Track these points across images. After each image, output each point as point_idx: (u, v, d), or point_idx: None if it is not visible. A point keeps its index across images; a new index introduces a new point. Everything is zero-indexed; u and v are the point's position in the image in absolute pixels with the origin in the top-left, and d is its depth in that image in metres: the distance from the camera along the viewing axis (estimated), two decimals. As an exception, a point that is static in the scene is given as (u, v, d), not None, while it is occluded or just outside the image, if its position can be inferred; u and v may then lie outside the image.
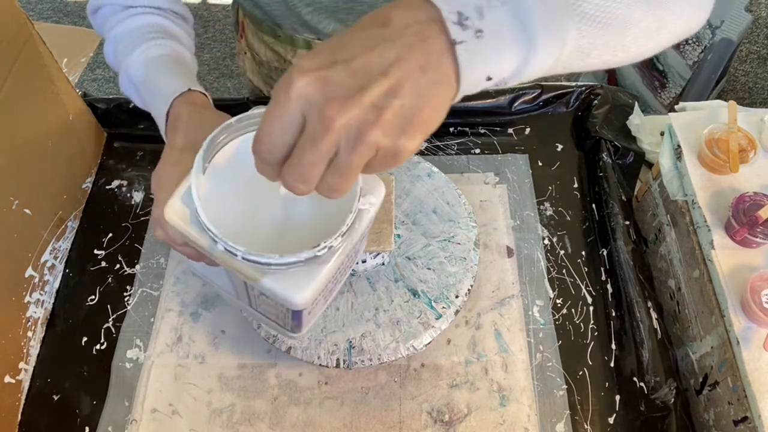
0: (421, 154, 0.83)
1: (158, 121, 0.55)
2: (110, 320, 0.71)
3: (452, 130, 0.86)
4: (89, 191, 0.83)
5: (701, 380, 0.64)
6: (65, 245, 0.77)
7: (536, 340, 0.68)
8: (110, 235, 0.78)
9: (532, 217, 0.78)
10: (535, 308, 0.71)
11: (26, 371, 0.68)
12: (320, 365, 0.61)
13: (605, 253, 0.74)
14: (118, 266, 0.75)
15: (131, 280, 0.74)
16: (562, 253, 0.75)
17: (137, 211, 0.80)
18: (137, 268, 0.75)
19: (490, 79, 0.33)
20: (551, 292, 0.72)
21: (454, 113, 0.86)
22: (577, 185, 0.81)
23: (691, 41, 1.55)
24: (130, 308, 0.72)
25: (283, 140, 0.32)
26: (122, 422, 0.64)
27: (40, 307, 0.71)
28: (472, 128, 0.86)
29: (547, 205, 0.79)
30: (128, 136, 0.87)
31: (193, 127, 0.49)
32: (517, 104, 0.86)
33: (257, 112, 0.45)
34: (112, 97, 0.87)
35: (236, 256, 0.40)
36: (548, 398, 0.65)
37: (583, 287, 0.73)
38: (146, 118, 0.61)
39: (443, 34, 0.31)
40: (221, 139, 0.44)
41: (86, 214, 0.81)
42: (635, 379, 0.65)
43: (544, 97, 0.87)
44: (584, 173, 0.82)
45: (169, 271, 0.74)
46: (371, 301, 0.63)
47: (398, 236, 0.68)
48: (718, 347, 0.61)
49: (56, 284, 0.74)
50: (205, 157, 0.42)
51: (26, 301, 0.70)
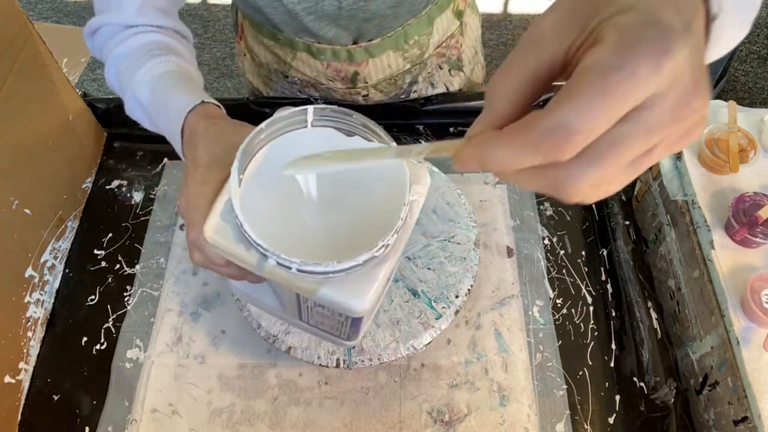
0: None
1: (173, 139, 0.52)
2: (110, 320, 0.71)
3: (452, 130, 0.86)
4: (89, 191, 0.83)
5: (701, 380, 0.64)
6: (65, 245, 0.77)
7: (536, 340, 0.68)
8: (110, 235, 0.78)
9: (532, 217, 0.78)
10: (535, 308, 0.71)
11: (26, 371, 0.68)
12: (320, 365, 0.61)
13: (605, 253, 0.74)
14: (118, 266, 0.75)
15: (131, 280, 0.74)
16: (562, 253, 0.75)
17: (137, 211, 0.80)
18: (137, 268, 0.75)
19: None
20: (551, 292, 0.72)
21: (454, 113, 0.86)
22: (577, 185, 0.81)
23: (691, 41, 1.55)
24: (130, 308, 0.72)
25: (603, 118, 0.24)
26: (122, 422, 0.64)
27: (40, 307, 0.71)
28: (472, 128, 0.86)
29: (547, 205, 0.79)
30: (128, 136, 0.88)
31: (212, 141, 0.47)
32: (517, 104, 0.86)
33: (285, 114, 0.43)
34: (112, 97, 0.87)
35: (290, 269, 0.38)
36: (548, 398, 0.65)
37: (583, 287, 0.73)
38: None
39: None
40: (252, 147, 0.42)
41: (86, 214, 0.81)
42: (635, 379, 0.65)
43: (544, 97, 0.87)
44: (584, 173, 0.82)
45: (169, 271, 0.74)
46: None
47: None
48: (718, 347, 0.61)
49: (56, 284, 0.75)
50: (239, 168, 0.40)
51: (26, 301, 0.70)
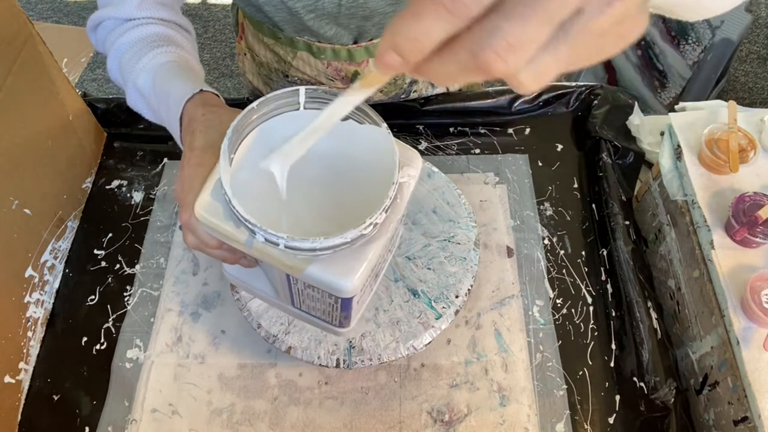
0: (420, 154, 0.83)
1: (172, 127, 0.54)
2: (110, 320, 0.71)
3: (452, 130, 0.86)
4: (89, 191, 0.83)
5: (701, 380, 0.64)
6: (65, 245, 0.77)
7: (536, 340, 0.68)
8: (110, 235, 0.78)
9: (532, 217, 0.78)
10: (535, 308, 0.71)
11: (26, 371, 0.68)
12: (320, 365, 0.61)
13: (605, 253, 0.74)
14: (118, 266, 0.75)
15: (131, 280, 0.74)
16: (562, 253, 0.75)
17: (137, 211, 0.80)
18: (137, 268, 0.75)
19: None
20: (551, 292, 0.72)
21: (454, 113, 0.86)
22: (577, 185, 0.81)
23: (691, 41, 1.55)
24: (130, 308, 0.72)
25: None
26: (122, 422, 0.64)
27: (40, 307, 0.71)
28: (472, 128, 0.86)
29: (547, 205, 0.79)
30: (128, 136, 0.88)
31: (210, 126, 0.48)
32: (517, 104, 0.86)
33: (277, 93, 0.43)
34: (112, 97, 0.87)
35: (278, 245, 0.38)
36: (548, 398, 0.65)
37: (583, 287, 0.73)
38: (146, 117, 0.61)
39: None
40: (244, 126, 0.42)
41: (86, 214, 0.81)
42: (635, 379, 0.65)
43: (544, 97, 0.87)
44: (584, 173, 0.82)
45: (169, 271, 0.74)
46: (371, 301, 0.63)
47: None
48: (718, 347, 0.61)
49: (56, 284, 0.75)
50: (230, 147, 0.40)
51: (26, 301, 0.70)
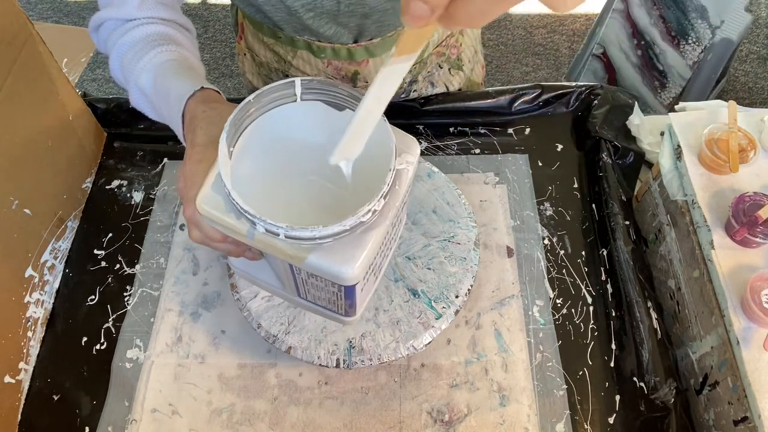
0: (421, 154, 0.83)
1: (174, 124, 0.54)
2: (110, 320, 0.71)
3: (452, 130, 0.86)
4: (89, 191, 0.83)
5: (701, 380, 0.64)
6: (65, 245, 0.77)
7: (536, 340, 0.68)
8: (110, 235, 0.78)
9: (532, 217, 0.78)
10: (535, 308, 0.71)
11: (26, 371, 0.68)
12: (320, 365, 0.61)
13: (605, 253, 0.74)
14: (118, 266, 0.75)
15: (131, 280, 0.74)
16: (562, 253, 0.75)
17: (137, 211, 0.80)
18: (137, 268, 0.75)
19: None
20: (551, 292, 0.72)
21: (454, 113, 0.86)
22: (577, 185, 0.81)
23: (691, 41, 1.55)
24: (130, 308, 0.72)
25: None
26: (122, 422, 0.64)
27: (40, 307, 0.71)
28: (472, 128, 0.86)
29: (547, 205, 0.79)
30: (128, 136, 0.88)
31: (211, 123, 0.49)
32: (517, 104, 0.86)
33: (273, 86, 0.43)
34: (112, 97, 0.87)
35: (278, 235, 0.39)
36: (548, 398, 0.65)
37: (583, 287, 0.73)
38: (146, 117, 0.61)
39: None
40: (241, 120, 0.43)
41: (86, 214, 0.81)
42: (635, 379, 0.65)
43: (544, 97, 0.87)
44: (584, 173, 0.82)
45: (169, 271, 0.74)
46: (371, 300, 0.63)
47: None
48: (718, 347, 0.61)
49: (56, 284, 0.74)
50: (228, 140, 0.41)
51: (26, 301, 0.70)
